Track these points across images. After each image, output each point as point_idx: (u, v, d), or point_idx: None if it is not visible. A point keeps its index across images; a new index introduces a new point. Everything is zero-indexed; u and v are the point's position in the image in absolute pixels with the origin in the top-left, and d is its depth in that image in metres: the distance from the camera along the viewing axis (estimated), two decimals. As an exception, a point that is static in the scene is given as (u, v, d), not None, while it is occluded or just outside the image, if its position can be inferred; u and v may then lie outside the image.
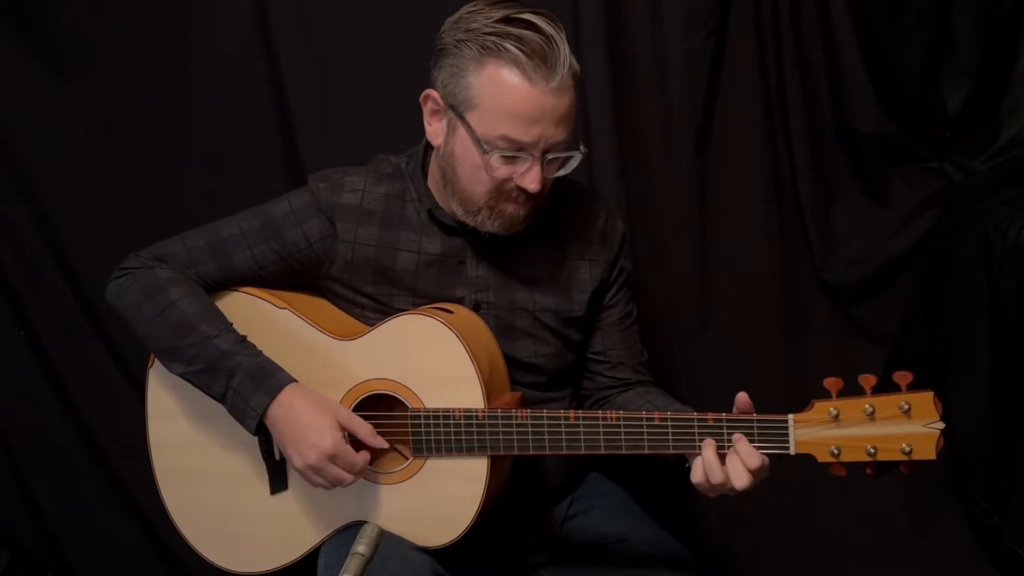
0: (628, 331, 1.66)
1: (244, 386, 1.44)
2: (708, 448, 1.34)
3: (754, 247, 2.19)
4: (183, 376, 1.50)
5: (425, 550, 1.45)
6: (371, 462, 1.47)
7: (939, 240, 2.18)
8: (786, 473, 1.44)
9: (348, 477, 1.42)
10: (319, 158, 2.02)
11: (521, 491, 1.56)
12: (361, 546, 1.13)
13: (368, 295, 1.55)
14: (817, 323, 2.25)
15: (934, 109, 2.27)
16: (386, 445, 1.45)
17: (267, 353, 1.48)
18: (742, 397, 1.36)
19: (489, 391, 1.44)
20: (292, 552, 1.55)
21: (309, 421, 1.41)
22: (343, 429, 1.43)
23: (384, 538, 1.18)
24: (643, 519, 1.65)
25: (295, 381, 1.46)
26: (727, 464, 1.33)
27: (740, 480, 1.32)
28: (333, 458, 1.41)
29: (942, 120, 2.28)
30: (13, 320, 2.15)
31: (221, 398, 1.46)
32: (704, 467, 1.34)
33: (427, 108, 1.48)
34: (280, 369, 1.46)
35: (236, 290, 1.56)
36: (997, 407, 1.99)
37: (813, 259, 2.21)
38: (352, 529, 1.46)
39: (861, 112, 2.17)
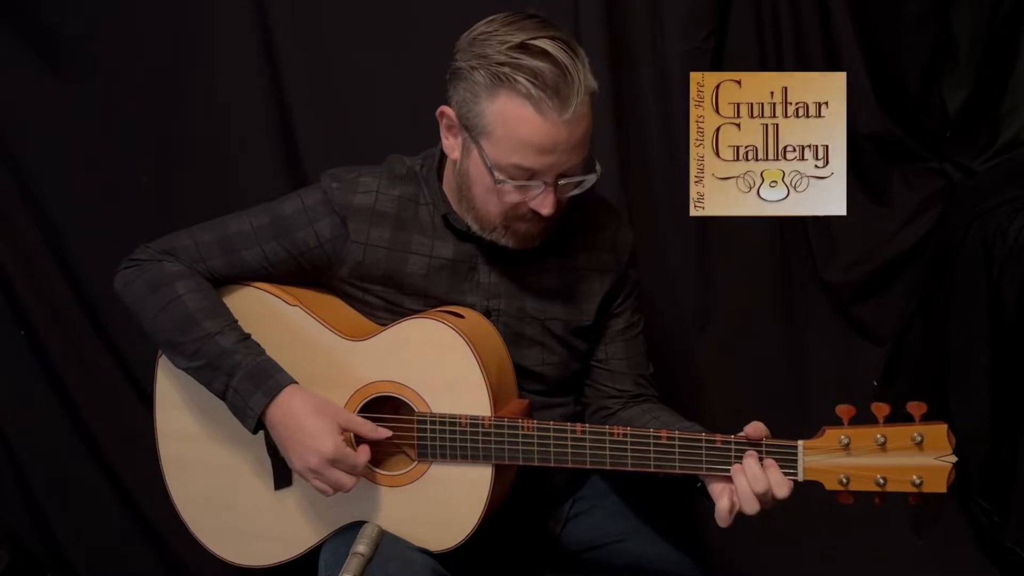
0: (631, 341, 1.64)
1: (243, 386, 1.43)
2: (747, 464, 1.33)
3: (754, 247, 2.19)
4: (186, 370, 1.49)
5: (426, 551, 1.45)
6: (377, 463, 1.46)
7: (939, 240, 2.17)
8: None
9: (349, 482, 1.41)
10: (319, 158, 2.02)
11: (524, 492, 1.55)
12: (361, 546, 1.13)
13: (379, 296, 1.54)
14: (817, 323, 2.25)
15: (934, 109, 2.27)
16: (389, 434, 1.44)
17: (275, 350, 1.47)
18: (752, 432, 1.35)
19: (496, 397, 1.43)
20: (293, 549, 1.55)
21: (309, 424, 1.40)
22: (344, 432, 1.42)
23: (384, 538, 1.18)
24: (644, 520, 1.64)
25: (295, 383, 1.44)
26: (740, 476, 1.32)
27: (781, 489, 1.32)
28: (334, 462, 1.40)
29: (942, 120, 2.28)
30: (13, 320, 2.15)
31: (222, 396, 1.46)
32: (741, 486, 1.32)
33: (443, 123, 1.46)
34: (280, 370, 1.45)
35: (247, 285, 1.55)
36: (997, 407, 1.99)
37: (813, 259, 2.21)
38: (353, 529, 1.44)
39: (861, 112, 2.17)
